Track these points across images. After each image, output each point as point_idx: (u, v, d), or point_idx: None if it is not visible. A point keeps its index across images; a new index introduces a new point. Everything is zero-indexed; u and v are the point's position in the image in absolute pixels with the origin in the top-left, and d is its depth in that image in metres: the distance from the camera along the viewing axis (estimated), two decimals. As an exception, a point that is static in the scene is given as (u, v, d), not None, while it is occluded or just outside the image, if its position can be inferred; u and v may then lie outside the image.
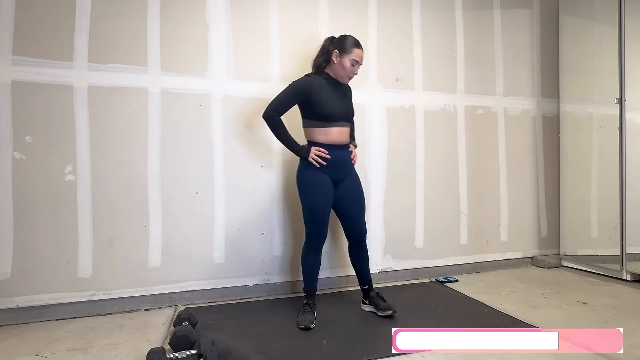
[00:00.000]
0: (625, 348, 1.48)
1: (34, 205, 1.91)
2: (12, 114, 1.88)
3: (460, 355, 1.49)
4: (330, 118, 1.83)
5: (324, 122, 1.83)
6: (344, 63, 1.83)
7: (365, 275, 1.99)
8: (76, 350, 1.58)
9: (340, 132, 1.86)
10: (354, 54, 1.83)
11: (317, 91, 1.82)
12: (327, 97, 1.83)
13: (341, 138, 1.87)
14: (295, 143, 1.87)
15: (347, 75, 1.87)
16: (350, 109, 1.95)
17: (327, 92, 1.84)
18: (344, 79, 1.88)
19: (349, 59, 1.83)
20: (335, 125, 1.84)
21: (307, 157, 1.84)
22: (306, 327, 1.72)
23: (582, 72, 2.75)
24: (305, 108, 1.87)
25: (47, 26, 1.94)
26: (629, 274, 2.46)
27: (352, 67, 1.85)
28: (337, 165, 1.86)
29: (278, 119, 1.86)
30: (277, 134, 1.87)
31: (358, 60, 1.85)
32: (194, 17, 2.16)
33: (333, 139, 1.85)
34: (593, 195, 2.71)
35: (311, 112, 1.84)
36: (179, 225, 2.12)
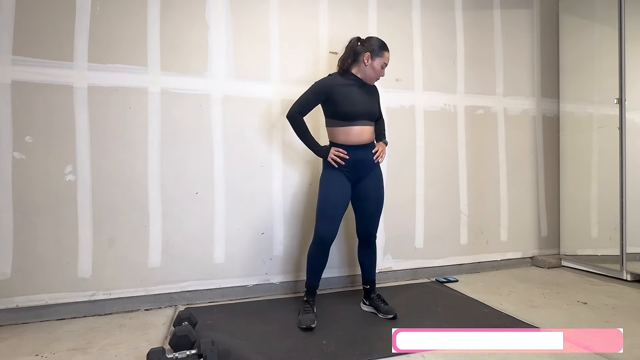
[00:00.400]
0: (625, 348, 1.48)
1: (34, 206, 1.91)
2: (12, 114, 1.88)
3: (460, 355, 1.49)
4: (350, 117, 1.82)
5: (345, 120, 1.83)
6: (375, 65, 1.85)
7: (369, 275, 1.99)
8: (76, 350, 1.58)
9: (361, 131, 1.84)
10: (385, 57, 1.87)
11: (339, 90, 1.83)
12: (349, 96, 1.83)
13: (362, 137, 1.85)
14: (316, 144, 1.89)
15: (376, 77, 1.89)
16: (374, 108, 1.93)
17: (349, 91, 1.84)
18: (372, 80, 1.90)
19: (381, 61, 1.86)
20: (356, 124, 1.83)
21: (326, 157, 1.86)
22: (308, 327, 1.71)
23: (582, 72, 2.75)
24: (327, 107, 1.88)
25: (47, 26, 1.94)
26: (629, 274, 2.46)
27: (382, 70, 1.88)
28: (357, 166, 1.86)
29: (301, 120, 1.88)
30: (300, 134, 1.90)
31: (387, 63, 1.89)
32: (194, 17, 2.17)
33: (354, 139, 1.84)
34: (593, 195, 2.71)
35: (332, 111, 1.86)
36: (179, 225, 2.12)
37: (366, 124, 1.86)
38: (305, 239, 2.33)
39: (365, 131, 1.86)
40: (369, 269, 1.99)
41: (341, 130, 1.84)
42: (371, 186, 1.91)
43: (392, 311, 1.85)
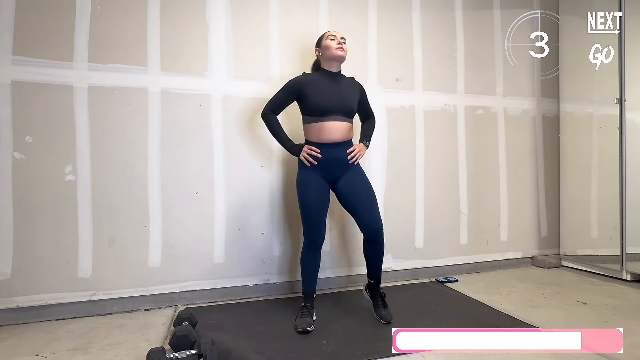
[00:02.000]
0: (625, 348, 1.47)
1: (34, 205, 1.91)
2: (12, 114, 1.88)
3: (460, 355, 1.49)
4: (321, 111, 1.78)
5: (316, 116, 1.80)
6: (325, 45, 1.85)
7: (375, 271, 1.88)
8: (76, 350, 1.58)
9: (333, 127, 1.79)
10: (325, 34, 1.88)
11: (309, 85, 1.82)
12: (320, 90, 1.81)
13: (334, 134, 1.80)
14: (289, 141, 1.86)
15: (335, 49, 1.83)
16: (350, 103, 1.85)
17: (321, 85, 1.82)
18: (335, 52, 1.83)
19: (325, 39, 1.86)
20: (327, 119, 1.79)
21: (298, 155, 1.83)
22: (304, 331, 1.70)
23: (582, 72, 2.75)
24: (301, 105, 1.87)
25: (47, 26, 1.94)
26: (629, 274, 2.46)
27: (333, 42, 1.84)
28: (330, 165, 1.81)
29: (273, 118, 1.88)
30: (273, 132, 1.89)
31: (334, 35, 1.85)
32: (194, 17, 2.17)
33: (326, 136, 1.79)
34: (593, 195, 2.71)
35: (304, 106, 1.84)
36: (179, 225, 2.12)
37: (339, 119, 1.80)
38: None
39: (338, 127, 1.80)
40: (376, 266, 1.87)
41: (313, 127, 1.81)
42: (354, 181, 1.83)
43: (387, 318, 1.81)
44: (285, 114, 2.13)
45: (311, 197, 1.80)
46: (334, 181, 1.85)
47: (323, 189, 1.83)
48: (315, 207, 1.79)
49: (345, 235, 2.41)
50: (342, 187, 1.84)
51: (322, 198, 1.82)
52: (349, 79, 1.93)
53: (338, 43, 1.83)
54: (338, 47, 1.83)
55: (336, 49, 1.83)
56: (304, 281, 1.88)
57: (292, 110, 2.07)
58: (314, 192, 1.80)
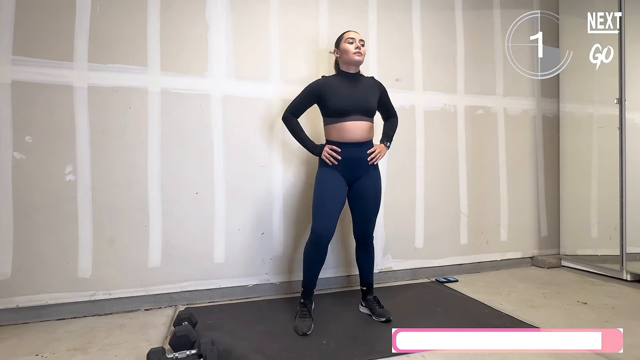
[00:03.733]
0: (625, 348, 1.47)
1: (34, 205, 1.91)
2: (12, 114, 1.88)
3: (460, 355, 1.49)
4: (341, 112, 1.80)
5: (336, 117, 1.82)
6: (344, 48, 1.86)
7: (366, 277, 1.95)
8: (76, 350, 1.58)
9: (354, 127, 1.81)
10: (344, 36, 1.88)
11: (329, 88, 1.84)
12: (339, 91, 1.83)
13: (355, 134, 1.81)
14: (310, 141, 1.90)
15: (353, 54, 1.84)
16: (370, 102, 1.86)
17: (338, 86, 1.84)
18: (353, 57, 1.84)
19: (344, 41, 1.86)
20: (348, 119, 1.80)
21: (320, 154, 1.85)
22: (304, 334, 1.69)
23: (582, 72, 2.75)
24: (321, 107, 1.89)
25: (47, 26, 1.94)
26: (629, 274, 2.46)
27: (351, 46, 1.84)
28: (351, 164, 1.83)
29: (294, 121, 1.92)
30: (294, 134, 1.92)
31: (354, 37, 1.85)
32: (194, 17, 2.17)
33: (346, 136, 1.81)
34: (593, 195, 2.71)
35: (325, 108, 1.86)
36: (179, 225, 2.12)
37: (360, 119, 1.82)
38: (305, 239, 2.32)
39: (359, 127, 1.82)
40: (367, 272, 1.95)
41: (334, 127, 1.83)
42: (367, 187, 1.87)
43: (386, 314, 1.82)
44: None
45: (328, 189, 1.81)
46: (352, 181, 1.87)
47: (342, 185, 1.84)
48: (330, 198, 1.80)
49: (345, 235, 2.41)
50: (356, 188, 1.88)
51: (338, 193, 1.83)
52: (368, 79, 1.95)
53: (356, 47, 1.84)
54: (356, 52, 1.84)
55: (354, 53, 1.84)
56: (305, 276, 1.86)
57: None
58: (333, 186, 1.82)
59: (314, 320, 1.80)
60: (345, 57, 1.86)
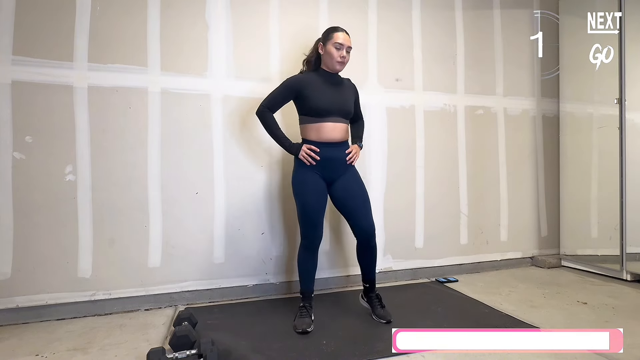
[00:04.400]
0: (625, 348, 1.47)
1: (34, 205, 1.91)
2: (12, 114, 1.88)
3: (460, 355, 1.49)
4: (321, 112, 1.78)
5: (316, 117, 1.79)
6: (329, 50, 1.80)
7: (369, 274, 1.91)
8: (76, 350, 1.58)
9: (334, 128, 1.80)
10: (334, 37, 1.80)
11: (308, 85, 1.80)
12: (320, 91, 1.79)
13: (334, 135, 1.80)
14: (286, 139, 1.84)
15: (336, 62, 1.81)
16: (348, 105, 1.86)
17: (319, 86, 1.81)
18: (335, 66, 1.82)
19: (332, 43, 1.80)
20: (327, 120, 1.79)
21: (297, 154, 1.82)
22: (303, 331, 1.69)
23: (582, 72, 2.75)
24: (299, 104, 1.85)
25: (47, 26, 1.93)
26: (629, 274, 2.46)
27: (338, 52, 1.79)
28: (329, 164, 1.81)
29: (269, 115, 1.86)
30: (269, 129, 1.86)
31: (342, 43, 1.79)
32: (194, 17, 2.16)
33: (325, 136, 1.79)
34: (593, 195, 2.71)
35: (304, 106, 1.82)
36: (179, 225, 2.12)
37: (339, 121, 1.81)
38: (305, 239, 2.33)
39: (338, 128, 1.81)
40: (369, 269, 1.90)
41: (313, 127, 1.80)
42: (350, 182, 1.85)
43: (386, 316, 1.81)
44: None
45: (310, 196, 1.79)
46: (332, 181, 1.85)
47: (321, 188, 1.82)
48: (314, 206, 1.79)
49: (344, 235, 2.41)
50: (338, 189, 1.85)
51: (321, 197, 1.82)
52: (346, 80, 1.94)
53: (341, 56, 1.80)
54: (339, 61, 1.81)
55: (337, 62, 1.81)
56: (301, 281, 1.87)
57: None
58: (313, 191, 1.80)
59: (314, 321, 1.79)
60: (327, 60, 1.83)
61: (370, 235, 1.85)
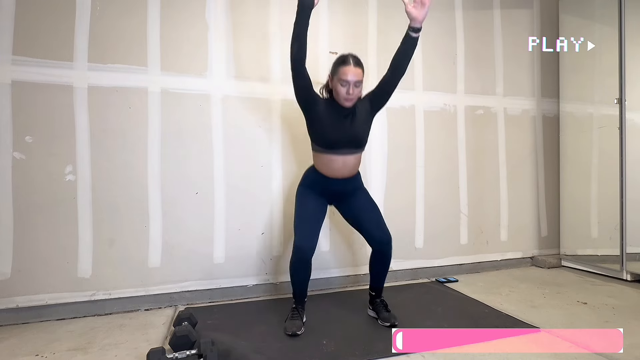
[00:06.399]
0: (625, 348, 1.48)
1: (34, 205, 1.91)
2: (12, 114, 1.88)
3: (460, 355, 1.49)
4: (330, 144, 1.70)
5: (325, 148, 1.72)
6: (335, 86, 1.67)
7: (379, 282, 1.87)
8: (76, 350, 1.58)
9: (344, 164, 1.72)
10: (340, 73, 1.64)
11: (320, 108, 1.70)
12: (327, 120, 1.69)
13: (344, 172, 1.74)
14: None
15: (342, 99, 1.66)
16: (360, 133, 1.73)
17: (328, 115, 1.70)
18: (342, 102, 1.68)
19: (337, 79, 1.66)
20: (337, 153, 1.71)
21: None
22: (293, 334, 1.67)
23: (582, 72, 2.75)
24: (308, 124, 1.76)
25: (47, 26, 1.93)
26: (629, 274, 2.46)
27: (344, 88, 1.64)
28: (335, 195, 1.83)
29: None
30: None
31: (348, 80, 1.62)
32: (194, 17, 2.16)
33: (335, 173, 1.74)
34: (593, 195, 2.71)
35: (312, 132, 1.77)
36: (179, 225, 2.12)
37: (350, 153, 1.72)
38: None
39: (349, 163, 1.74)
40: (379, 277, 1.87)
41: (323, 158, 1.74)
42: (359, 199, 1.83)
43: (390, 319, 1.78)
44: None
45: (309, 208, 1.78)
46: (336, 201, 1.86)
47: (323, 204, 1.82)
48: (312, 216, 1.77)
49: (345, 235, 2.41)
50: (348, 208, 1.85)
51: (320, 210, 1.80)
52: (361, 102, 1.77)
53: (347, 93, 1.64)
54: (346, 99, 1.66)
55: (344, 99, 1.67)
56: (295, 290, 1.82)
57: (293, 110, 2.08)
58: (313, 205, 1.79)
59: (314, 321, 1.79)
60: (335, 95, 1.70)
61: (386, 244, 1.79)
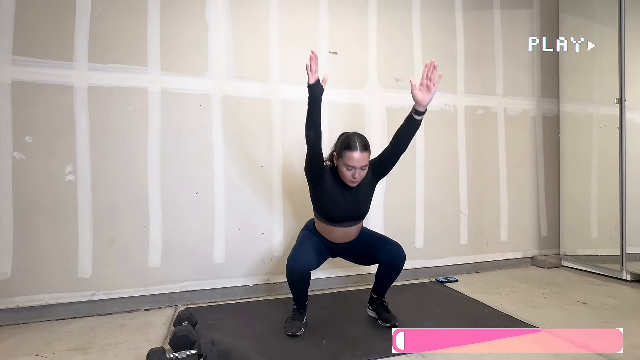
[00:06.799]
0: (625, 348, 1.47)
1: (34, 206, 1.91)
2: (12, 114, 1.88)
3: (460, 355, 1.49)
4: (334, 219, 1.72)
5: (327, 220, 1.73)
6: (340, 168, 1.65)
7: (384, 289, 1.85)
8: (76, 350, 1.58)
9: (345, 233, 1.76)
10: (346, 157, 1.60)
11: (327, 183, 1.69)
12: (332, 196, 1.69)
13: (346, 238, 1.79)
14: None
15: (348, 181, 1.65)
16: (362, 207, 1.74)
17: (333, 189, 1.69)
18: (347, 183, 1.67)
19: (343, 163, 1.63)
20: (340, 225, 1.73)
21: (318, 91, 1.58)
22: (293, 335, 1.66)
23: (582, 72, 2.75)
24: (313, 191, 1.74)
25: (47, 26, 1.93)
26: (629, 274, 2.46)
27: (349, 172, 1.61)
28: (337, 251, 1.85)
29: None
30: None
31: (354, 166, 1.60)
32: (194, 17, 2.16)
33: (336, 240, 1.78)
34: (593, 195, 2.71)
35: (315, 202, 1.76)
36: (179, 225, 2.12)
37: (352, 225, 1.75)
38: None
39: (350, 232, 1.77)
40: (384, 286, 1.84)
41: (325, 227, 1.76)
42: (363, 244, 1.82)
43: (391, 320, 1.77)
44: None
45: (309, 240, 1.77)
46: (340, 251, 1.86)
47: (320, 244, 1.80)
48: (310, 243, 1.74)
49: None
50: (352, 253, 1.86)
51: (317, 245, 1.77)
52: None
53: (353, 176, 1.62)
54: (351, 181, 1.64)
55: (349, 180, 1.65)
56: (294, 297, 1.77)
57: (293, 110, 2.08)
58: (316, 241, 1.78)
59: (314, 321, 1.79)
60: (340, 174, 1.67)
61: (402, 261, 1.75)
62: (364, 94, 2.47)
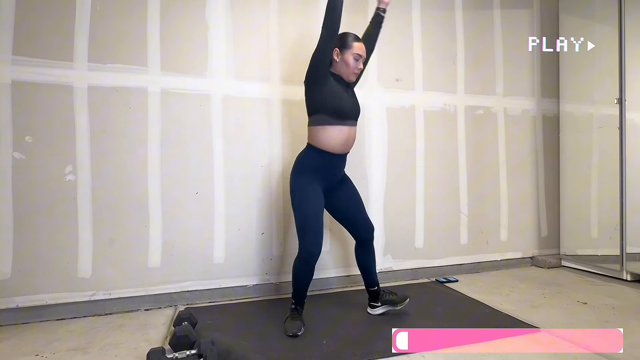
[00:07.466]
0: (625, 348, 1.48)
1: (34, 206, 1.91)
2: (12, 114, 1.88)
3: (460, 355, 1.49)
4: (341, 114, 1.76)
5: (337, 118, 1.75)
6: (347, 59, 1.79)
7: (374, 276, 1.93)
8: (76, 350, 1.58)
9: (349, 134, 1.79)
10: (355, 47, 1.80)
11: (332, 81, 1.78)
12: (339, 93, 1.78)
13: (349, 143, 1.81)
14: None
15: (352, 72, 1.81)
16: (357, 104, 1.87)
17: (338, 88, 1.79)
18: (349, 76, 1.82)
19: (351, 53, 1.79)
20: (345, 123, 1.77)
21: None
22: (294, 335, 1.67)
23: (582, 72, 2.75)
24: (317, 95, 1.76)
25: (47, 26, 1.93)
26: (629, 274, 2.46)
27: (356, 62, 1.80)
28: (331, 174, 1.83)
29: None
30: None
31: (360, 54, 1.80)
32: (194, 17, 2.16)
33: (342, 145, 1.78)
34: (593, 195, 2.71)
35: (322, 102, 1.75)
36: (179, 225, 2.12)
37: (353, 124, 1.82)
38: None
39: (352, 134, 1.82)
40: (372, 271, 1.93)
41: (332, 131, 1.75)
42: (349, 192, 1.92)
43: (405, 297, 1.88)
44: (289, 117, 2.12)
45: (311, 202, 1.75)
46: (330, 192, 1.86)
47: (321, 196, 1.80)
48: (315, 212, 1.75)
49: (344, 235, 2.40)
50: (340, 199, 1.89)
51: (320, 203, 1.79)
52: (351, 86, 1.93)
53: (358, 67, 1.82)
54: (355, 73, 1.83)
55: (353, 72, 1.82)
56: (296, 290, 1.81)
57: (293, 110, 2.07)
58: (313, 198, 1.77)
59: (313, 322, 1.79)
60: (341, 68, 1.81)
61: (372, 233, 1.93)
62: (364, 93, 2.46)
